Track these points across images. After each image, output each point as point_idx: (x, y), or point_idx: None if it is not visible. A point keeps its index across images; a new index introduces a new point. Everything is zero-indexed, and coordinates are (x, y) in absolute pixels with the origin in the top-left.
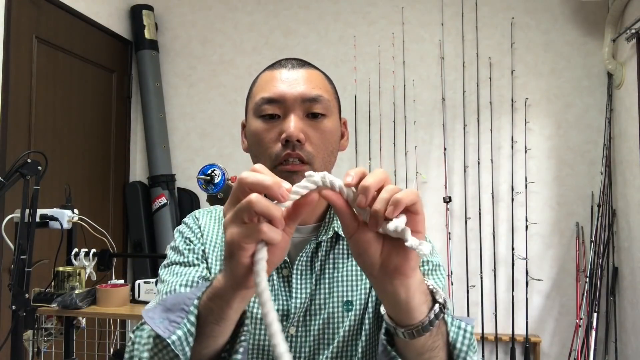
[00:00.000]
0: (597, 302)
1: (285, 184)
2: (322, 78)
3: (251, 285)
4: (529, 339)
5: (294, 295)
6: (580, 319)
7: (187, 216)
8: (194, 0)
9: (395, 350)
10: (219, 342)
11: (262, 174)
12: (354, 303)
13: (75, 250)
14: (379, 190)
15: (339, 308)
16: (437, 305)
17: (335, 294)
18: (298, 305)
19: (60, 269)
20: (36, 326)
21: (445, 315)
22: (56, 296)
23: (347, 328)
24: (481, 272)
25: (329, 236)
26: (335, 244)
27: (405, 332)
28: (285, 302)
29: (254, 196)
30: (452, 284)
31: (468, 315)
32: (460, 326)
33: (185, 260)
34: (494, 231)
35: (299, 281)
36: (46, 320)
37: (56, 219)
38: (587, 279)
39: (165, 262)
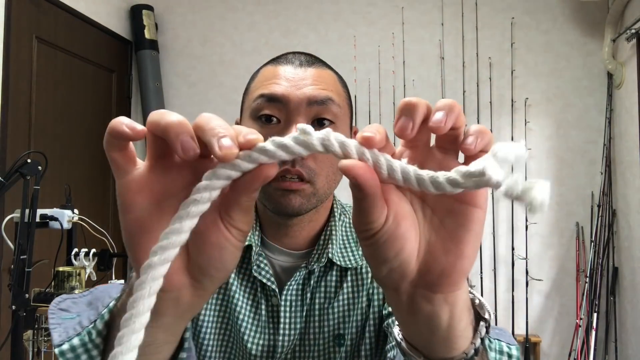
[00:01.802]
0: (597, 302)
1: (243, 134)
2: (334, 79)
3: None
4: (529, 339)
5: (281, 330)
6: (580, 319)
7: None
8: (194, 0)
9: None
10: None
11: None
12: (346, 337)
13: (75, 250)
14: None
15: (330, 343)
16: (482, 325)
17: (325, 328)
18: (286, 343)
19: (60, 269)
20: (36, 326)
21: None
22: (56, 296)
23: None
24: (481, 272)
25: (322, 264)
26: (329, 271)
27: None
28: (271, 337)
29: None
30: None
31: None
32: (503, 351)
33: None
34: (494, 231)
35: (287, 314)
36: (46, 321)
37: (56, 219)
38: (587, 279)
39: None
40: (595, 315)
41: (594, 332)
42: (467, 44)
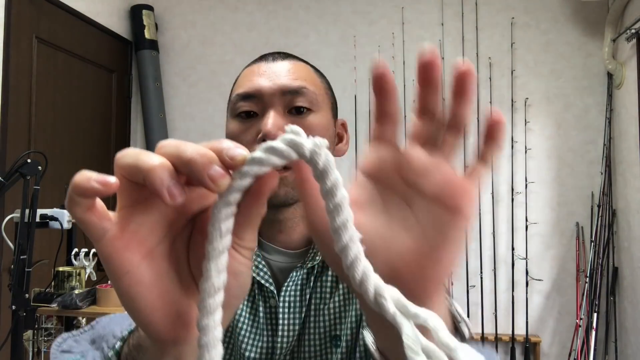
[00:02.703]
0: (597, 302)
1: (232, 152)
2: (307, 69)
3: (184, 339)
4: (529, 339)
5: (280, 332)
6: (580, 319)
7: None
8: (194, 0)
9: None
10: None
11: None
12: (342, 338)
13: (75, 250)
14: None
15: (327, 344)
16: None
17: (322, 329)
18: (284, 344)
19: (60, 269)
20: (36, 326)
21: None
22: (56, 296)
23: None
24: (481, 272)
25: (317, 262)
26: (325, 271)
27: None
28: (269, 339)
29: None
30: (452, 284)
31: (468, 316)
32: None
33: None
34: (494, 231)
35: (286, 315)
36: (46, 320)
37: (56, 219)
38: (587, 279)
39: None
40: (595, 315)
41: (594, 332)
42: (467, 44)
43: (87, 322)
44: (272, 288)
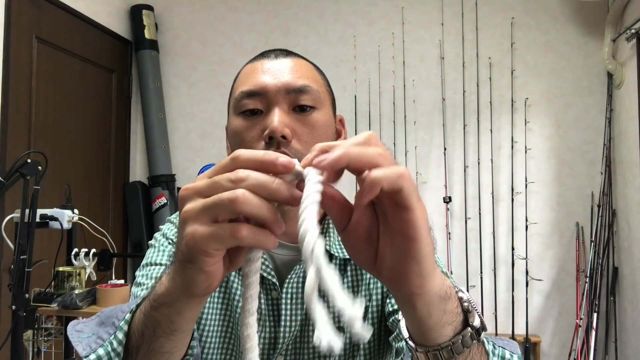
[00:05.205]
0: (597, 302)
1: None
2: (309, 67)
3: (210, 291)
4: (529, 339)
5: (282, 322)
6: (580, 319)
7: (174, 215)
8: (194, 0)
9: None
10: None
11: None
12: (345, 329)
13: (75, 250)
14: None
15: None
16: (467, 330)
17: None
18: (287, 334)
19: (60, 269)
20: (36, 326)
21: (486, 343)
22: (56, 296)
23: (339, 355)
24: (481, 272)
25: None
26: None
27: (419, 352)
28: (272, 330)
29: (240, 192)
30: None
31: None
32: (505, 357)
33: (167, 263)
34: (494, 231)
35: (288, 306)
36: (46, 320)
37: (56, 219)
38: (587, 279)
39: (143, 262)
40: (595, 315)
41: (594, 332)
42: (467, 44)
43: None
44: (274, 280)
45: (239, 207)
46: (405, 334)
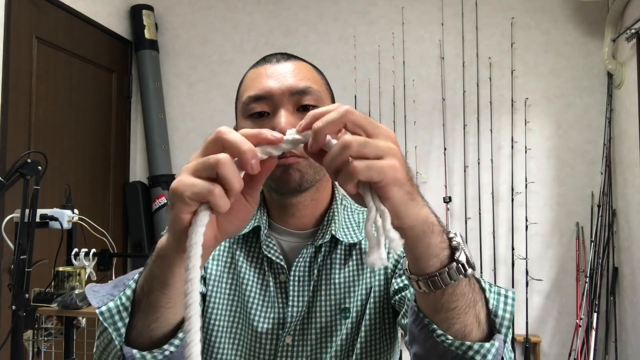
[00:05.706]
0: (597, 302)
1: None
2: (309, 69)
3: (182, 249)
4: (529, 339)
5: (290, 303)
6: (580, 319)
7: None
8: (194, 0)
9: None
10: (168, 317)
11: (241, 136)
12: (351, 310)
13: (75, 250)
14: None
15: (336, 315)
16: (453, 264)
17: (332, 301)
18: (295, 314)
19: (60, 269)
20: (36, 326)
21: (482, 282)
22: (56, 296)
23: (343, 336)
24: (481, 272)
25: (326, 240)
26: (333, 249)
27: (411, 279)
28: (281, 310)
29: (223, 157)
30: None
31: None
32: (501, 292)
33: None
34: (494, 231)
35: (296, 288)
36: (46, 320)
37: (56, 219)
38: (587, 279)
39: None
40: (595, 315)
41: (594, 332)
42: (467, 44)
43: (87, 322)
44: (282, 263)
45: (219, 167)
46: (406, 266)
